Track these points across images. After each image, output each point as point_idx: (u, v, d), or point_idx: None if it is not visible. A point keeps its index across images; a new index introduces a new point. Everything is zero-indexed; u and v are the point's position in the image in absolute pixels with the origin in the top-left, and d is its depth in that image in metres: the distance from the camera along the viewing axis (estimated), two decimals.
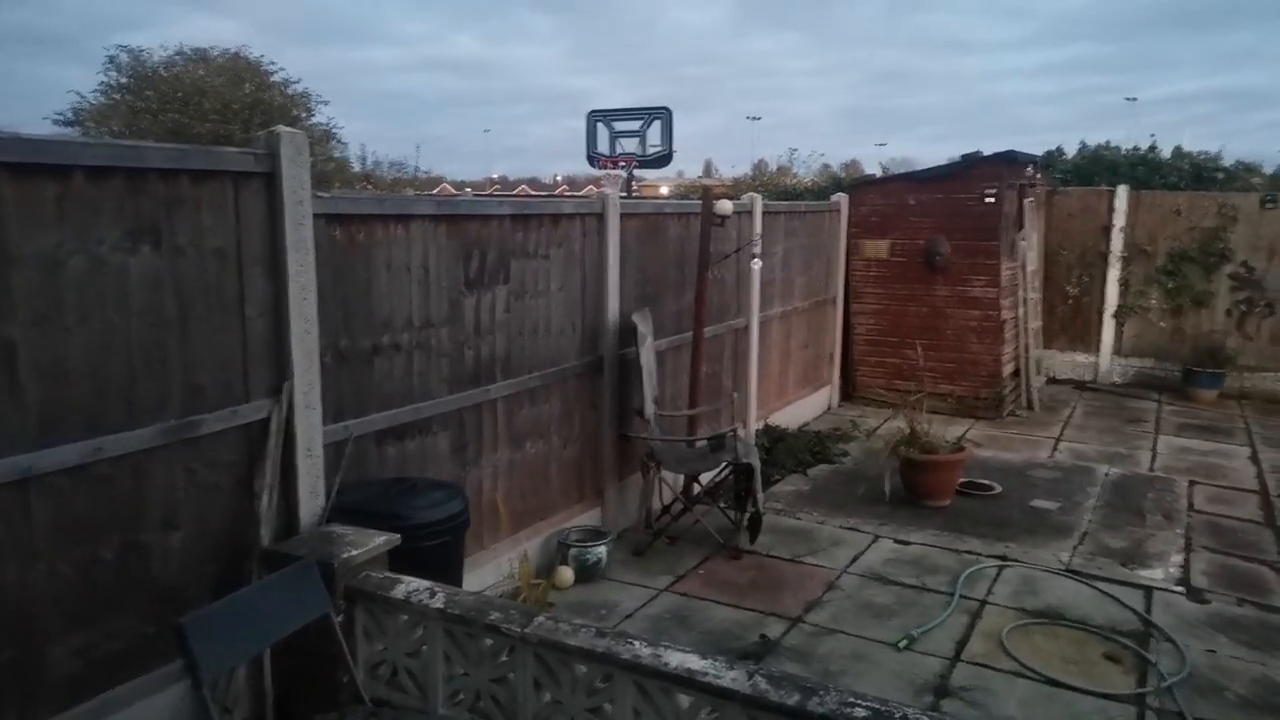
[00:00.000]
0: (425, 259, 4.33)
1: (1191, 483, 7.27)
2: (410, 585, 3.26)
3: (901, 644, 4.51)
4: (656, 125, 14.90)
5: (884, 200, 9.76)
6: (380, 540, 3.43)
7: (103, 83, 20.17)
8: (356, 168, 28.30)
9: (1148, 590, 5.19)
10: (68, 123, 20.15)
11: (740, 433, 6.25)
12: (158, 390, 3.16)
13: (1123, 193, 11.01)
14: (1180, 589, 5.22)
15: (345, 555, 3.29)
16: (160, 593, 3.23)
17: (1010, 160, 9.41)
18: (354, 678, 3.18)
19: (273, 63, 21.94)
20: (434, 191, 29.66)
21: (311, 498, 3.71)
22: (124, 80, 20.20)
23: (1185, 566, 5.55)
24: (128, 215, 3.03)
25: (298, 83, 22.15)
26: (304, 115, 21.83)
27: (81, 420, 2.94)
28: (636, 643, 2.85)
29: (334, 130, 23.40)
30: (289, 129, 3.57)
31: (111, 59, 20.14)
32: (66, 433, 2.90)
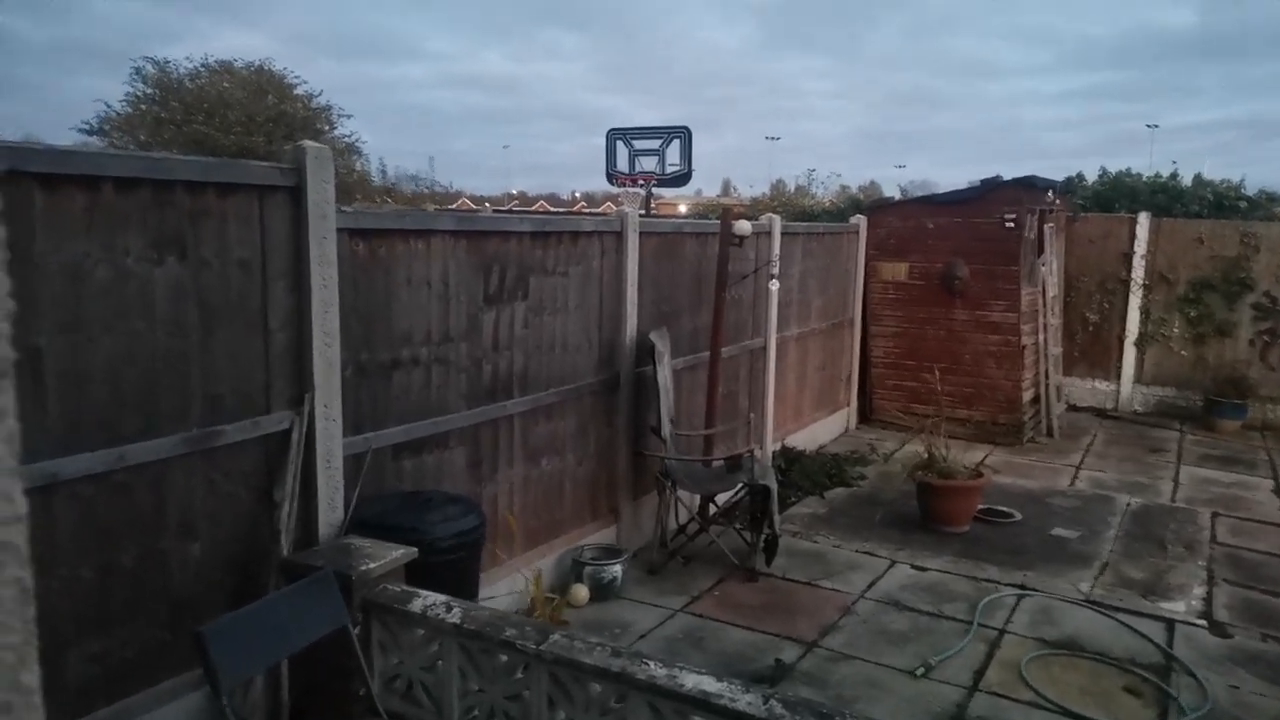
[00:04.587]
0: (445, 274, 4.35)
1: (1214, 514, 7.18)
2: (427, 599, 3.25)
3: (918, 672, 4.46)
4: (675, 144, 14.98)
5: (902, 223, 9.74)
6: (398, 553, 3.43)
7: (129, 93, 20.46)
8: (377, 180, 28.56)
9: (1169, 623, 5.11)
10: (93, 132, 20.42)
11: (757, 454, 6.23)
12: (180, 400, 3.18)
13: (1145, 220, 10.95)
14: (1202, 622, 5.14)
15: (363, 567, 3.29)
16: (178, 601, 3.24)
17: (1030, 185, 9.38)
18: (370, 690, 3.17)
19: (296, 76, 22.21)
20: (453, 206, 29.88)
21: (330, 509, 3.72)
22: (150, 91, 20.47)
23: (1208, 599, 5.47)
24: (154, 226, 3.06)
25: (320, 95, 22.40)
26: (326, 128, 22.07)
27: (105, 428, 2.96)
28: (652, 663, 2.83)
29: (356, 144, 23.63)
30: (315, 144, 3.61)
31: (138, 70, 20.42)
32: (90, 440, 2.92)
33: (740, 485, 5.82)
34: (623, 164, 15.14)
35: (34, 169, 2.72)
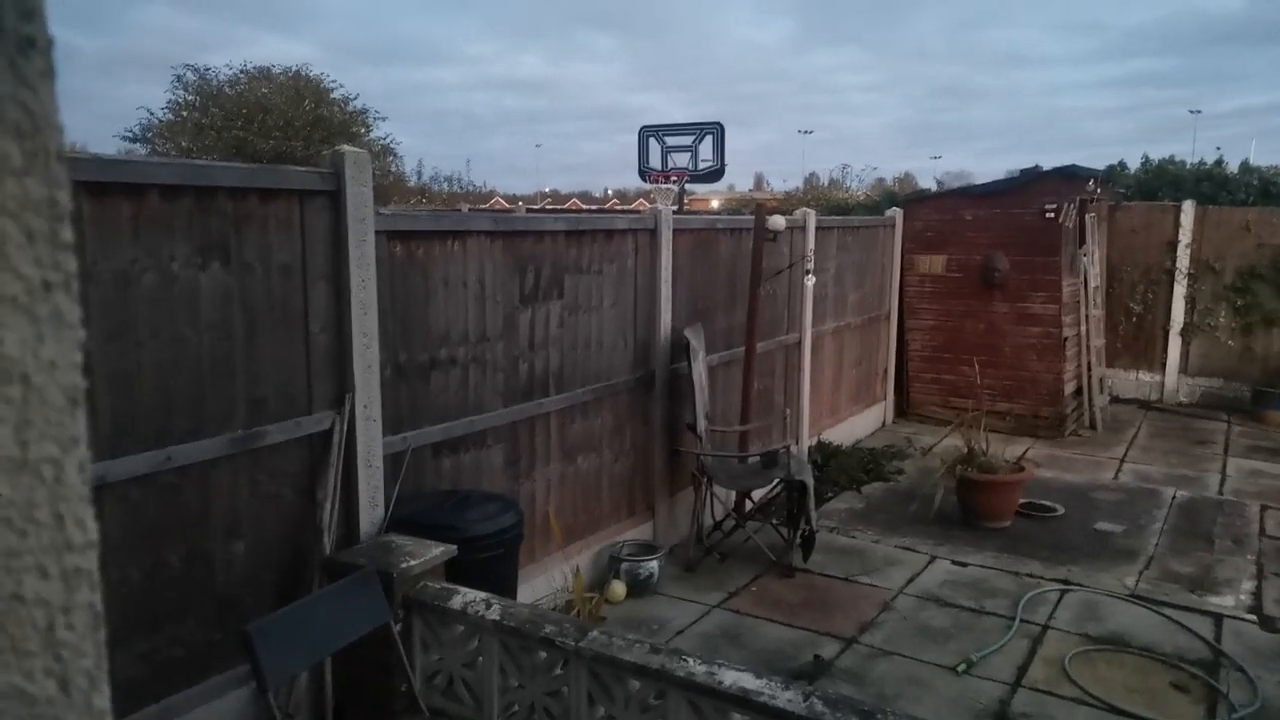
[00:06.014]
0: (481, 274, 4.38)
1: (1263, 507, 7.02)
2: (466, 596, 3.29)
3: (960, 668, 4.42)
4: (708, 140, 14.93)
5: (939, 215, 9.64)
6: (438, 551, 3.48)
7: (171, 100, 20.82)
8: (412, 182, 28.90)
9: (1217, 618, 5.01)
10: (136, 139, 20.82)
11: (793, 449, 6.21)
12: (225, 402, 3.25)
13: (1189, 208, 10.72)
14: (1252, 617, 5.03)
15: (404, 565, 3.34)
16: (223, 599, 3.31)
17: (1071, 175, 9.23)
18: (412, 686, 3.21)
19: (333, 80, 22.46)
20: (486, 205, 30.09)
21: (371, 508, 3.77)
22: (190, 98, 20.82)
23: (1257, 594, 5.36)
24: (198, 232, 3.12)
25: (356, 99, 22.64)
26: (362, 131, 22.31)
27: (152, 430, 3.03)
28: (690, 660, 2.84)
29: (392, 146, 23.89)
30: (353, 149, 3.66)
31: (179, 77, 20.78)
32: (137, 442, 2.99)
33: (776, 481, 5.81)
34: (655, 161, 15.11)
35: (82, 178, 2.79)
